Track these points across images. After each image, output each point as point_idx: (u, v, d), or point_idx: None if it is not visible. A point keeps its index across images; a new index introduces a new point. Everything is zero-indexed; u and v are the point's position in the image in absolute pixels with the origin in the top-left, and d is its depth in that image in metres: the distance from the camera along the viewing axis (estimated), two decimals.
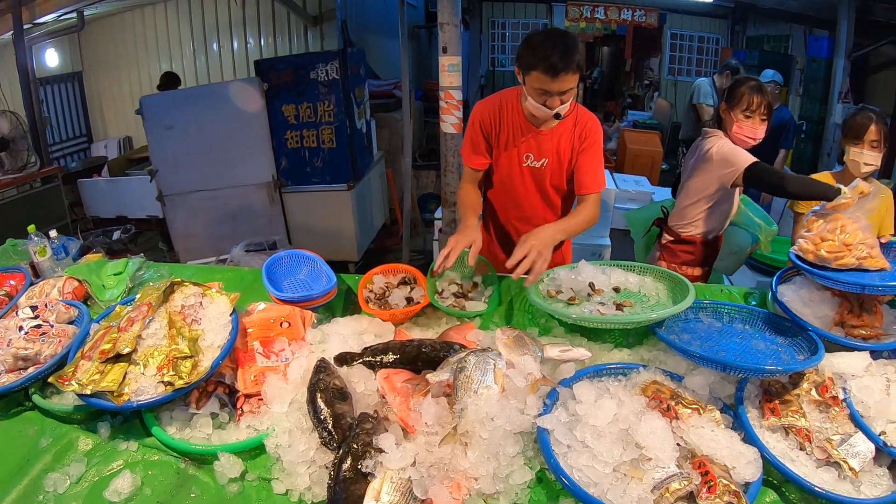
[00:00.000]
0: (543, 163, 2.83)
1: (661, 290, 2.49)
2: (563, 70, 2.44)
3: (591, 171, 2.78)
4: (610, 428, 1.69)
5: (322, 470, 1.68)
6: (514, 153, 2.84)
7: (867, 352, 2.02)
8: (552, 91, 2.51)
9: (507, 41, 13.74)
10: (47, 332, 2.19)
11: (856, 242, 2.24)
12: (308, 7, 8.58)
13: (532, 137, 2.79)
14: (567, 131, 2.77)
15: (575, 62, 2.44)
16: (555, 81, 2.47)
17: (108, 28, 9.18)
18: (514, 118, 2.78)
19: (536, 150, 2.81)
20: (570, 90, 2.53)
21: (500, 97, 2.82)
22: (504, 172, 2.92)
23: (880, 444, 1.73)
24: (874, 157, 2.82)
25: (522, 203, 2.97)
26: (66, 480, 1.72)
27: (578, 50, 2.45)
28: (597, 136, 2.78)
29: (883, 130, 2.82)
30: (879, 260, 2.24)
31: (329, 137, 6.30)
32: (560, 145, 2.78)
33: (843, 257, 2.25)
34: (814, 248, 2.29)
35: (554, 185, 2.90)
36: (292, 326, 2.17)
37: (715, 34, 13.07)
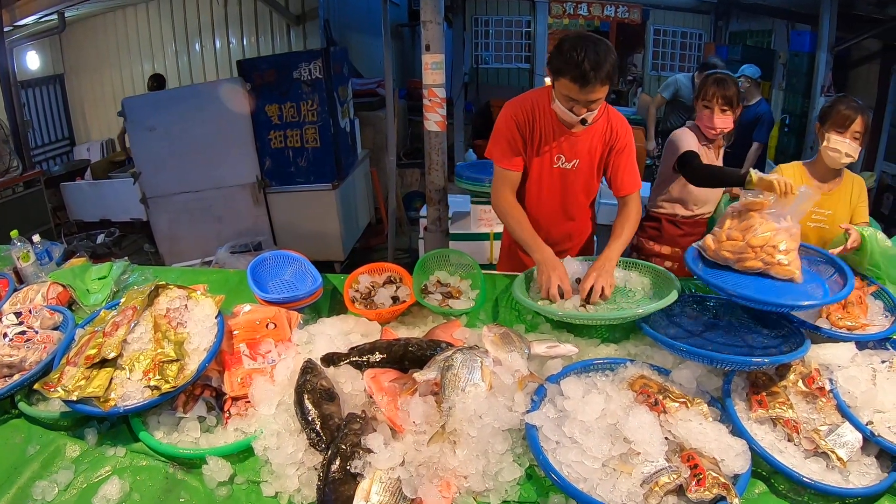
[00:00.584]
0: (574, 164, 2.79)
1: (646, 285, 2.51)
2: (593, 81, 2.39)
3: (628, 172, 2.78)
4: (598, 423, 1.70)
5: (311, 471, 1.68)
6: (546, 155, 2.79)
7: (853, 342, 2.04)
8: (580, 100, 2.48)
9: (490, 39, 13.71)
10: (32, 338, 2.16)
11: (763, 245, 2.15)
12: (290, 6, 8.55)
13: (564, 139, 2.75)
14: (598, 133, 2.75)
15: (605, 73, 2.38)
16: (583, 91, 2.43)
17: (89, 29, 9.11)
18: (546, 119, 2.73)
19: (568, 151, 2.77)
20: (599, 99, 2.50)
21: (532, 97, 2.76)
22: (535, 174, 2.85)
23: (867, 434, 1.75)
24: (855, 149, 2.76)
25: (551, 205, 2.93)
26: (54, 488, 1.71)
27: (611, 60, 2.39)
28: (629, 136, 2.78)
29: (866, 122, 2.75)
30: (790, 269, 2.15)
31: (313, 137, 6.27)
32: (591, 147, 2.77)
33: (747, 260, 2.19)
34: (715, 246, 2.24)
35: (584, 186, 2.88)
36: (278, 328, 2.16)
37: (698, 30, 13.11)
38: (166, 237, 6.52)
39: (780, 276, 2.17)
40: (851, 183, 2.91)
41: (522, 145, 2.77)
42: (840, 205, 2.88)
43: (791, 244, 2.17)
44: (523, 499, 1.65)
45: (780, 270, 2.17)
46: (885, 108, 7.27)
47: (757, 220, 2.19)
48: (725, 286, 2.11)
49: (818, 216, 2.88)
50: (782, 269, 2.17)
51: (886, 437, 1.73)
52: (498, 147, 2.80)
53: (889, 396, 1.84)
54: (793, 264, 2.16)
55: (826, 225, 2.87)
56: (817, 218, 2.88)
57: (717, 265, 2.30)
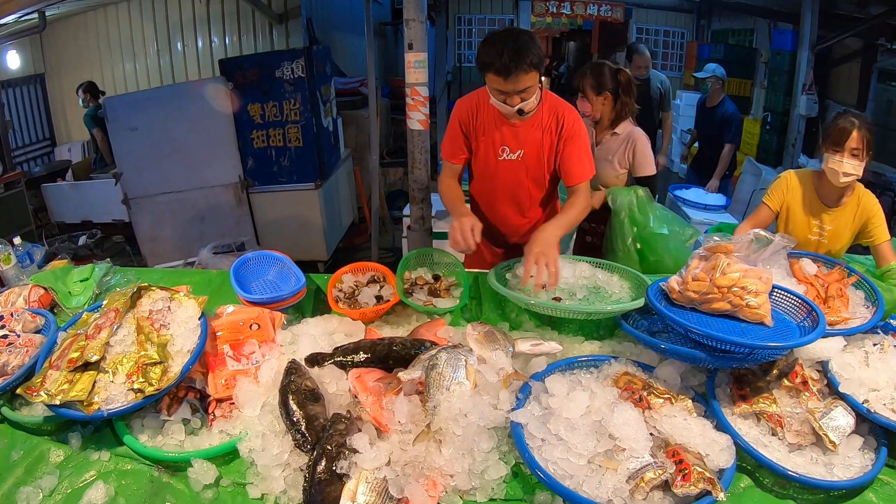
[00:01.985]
0: (519, 154, 2.85)
1: (624, 288, 2.52)
2: (515, 71, 2.47)
3: (576, 161, 2.80)
4: (583, 420, 1.70)
5: (297, 472, 1.68)
6: (491, 147, 2.88)
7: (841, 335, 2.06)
8: (507, 91, 2.56)
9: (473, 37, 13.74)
10: (14, 342, 2.15)
11: (728, 286, 2.01)
12: (273, 5, 8.51)
13: (507, 130, 2.82)
14: (543, 122, 2.79)
15: (527, 61, 2.46)
16: (508, 82, 2.52)
17: (70, 28, 9.01)
18: (490, 113, 2.81)
19: (512, 142, 2.83)
20: (529, 88, 2.57)
21: (478, 94, 2.85)
22: (482, 166, 2.96)
23: (864, 412, 1.79)
24: (855, 167, 2.68)
25: (501, 196, 3.01)
26: (38, 493, 1.69)
27: (533, 49, 2.47)
28: (576, 124, 2.80)
29: (866, 137, 2.69)
30: (759, 313, 2.01)
31: (295, 136, 6.26)
32: (536, 136, 2.81)
33: (713, 301, 2.05)
34: (681, 287, 2.12)
35: (532, 177, 2.93)
36: (262, 328, 2.15)
37: (680, 28, 13.18)
38: (148, 238, 6.47)
39: (749, 319, 2.03)
40: (858, 201, 2.84)
41: (465, 141, 2.91)
42: (842, 223, 2.85)
43: (761, 287, 2.03)
44: (510, 497, 1.66)
45: (749, 314, 2.02)
46: (866, 106, 7.34)
47: (723, 261, 2.08)
48: (688, 323, 1.96)
49: (818, 230, 2.88)
50: (751, 313, 2.01)
51: (882, 414, 1.77)
52: (445, 142, 3.01)
53: (882, 375, 1.88)
54: (763, 308, 2.01)
55: (825, 240, 2.87)
56: (817, 232, 2.88)
57: (682, 307, 2.15)
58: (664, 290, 2.19)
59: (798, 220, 2.91)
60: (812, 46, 7.57)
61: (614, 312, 2.26)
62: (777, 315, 2.09)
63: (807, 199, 2.90)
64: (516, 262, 2.63)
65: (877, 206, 2.85)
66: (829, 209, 2.85)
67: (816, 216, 2.88)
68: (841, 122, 2.73)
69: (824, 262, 2.53)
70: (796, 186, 2.92)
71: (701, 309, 2.08)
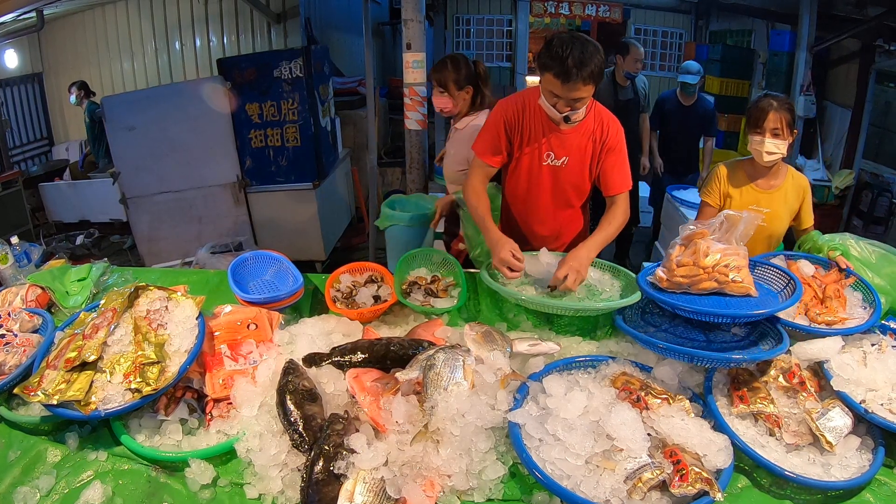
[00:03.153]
0: (564, 161, 2.82)
1: (615, 287, 2.53)
2: (575, 79, 2.43)
3: (617, 172, 2.79)
4: (581, 420, 1.71)
5: (294, 473, 1.67)
6: (536, 151, 2.83)
7: (839, 336, 2.06)
8: (561, 96, 2.52)
9: (471, 37, 13.69)
10: (11, 341, 2.14)
11: (712, 266, 2.16)
12: (271, 4, 8.49)
13: (553, 136, 2.78)
14: (588, 131, 2.77)
15: (588, 72, 2.42)
16: (564, 87, 2.47)
17: (68, 27, 8.99)
18: (536, 117, 2.77)
19: (557, 148, 2.79)
20: (583, 99, 2.54)
21: (524, 96, 2.81)
22: (525, 170, 2.89)
23: (861, 411, 1.79)
24: (777, 145, 2.76)
25: (540, 201, 2.96)
26: (35, 494, 1.69)
27: (596, 61, 2.43)
28: (619, 136, 2.78)
29: (784, 118, 2.74)
30: (744, 285, 2.17)
31: (293, 136, 6.25)
32: (581, 144, 2.78)
33: (700, 281, 2.18)
34: (668, 276, 2.23)
35: (573, 184, 2.89)
36: (260, 328, 2.15)
37: (679, 29, 13.17)
38: (146, 238, 6.46)
39: (736, 293, 2.18)
40: (792, 180, 2.93)
41: (507, 144, 2.82)
42: (779, 203, 2.91)
43: (741, 262, 2.19)
44: (507, 497, 1.66)
45: (735, 288, 2.17)
46: (864, 107, 7.34)
47: (703, 245, 2.20)
48: (680, 303, 2.13)
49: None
50: (737, 287, 2.16)
51: (879, 414, 1.78)
52: (482, 141, 2.88)
53: (880, 375, 1.89)
54: (746, 280, 2.17)
55: (765, 223, 2.86)
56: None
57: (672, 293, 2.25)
58: (652, 281, 2.27)
59: (737, 207, 2.90)
60: (810, 47, 7.57)
61: (603, 310, 2.29)
62: (760, 286, 2.26)
63: (742, 187, 2.96)
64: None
65: (808, 187, 2.95)
66: (765, 192, 2.92)
67: (753, 201, 2.91)
68: (759, 103, 2.82)
69: (821, 263, 2.53)
70: (730, 176, 2.98)
71: (690, 291, 2.20)
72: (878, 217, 6.91)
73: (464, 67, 3.37)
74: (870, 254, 2.54)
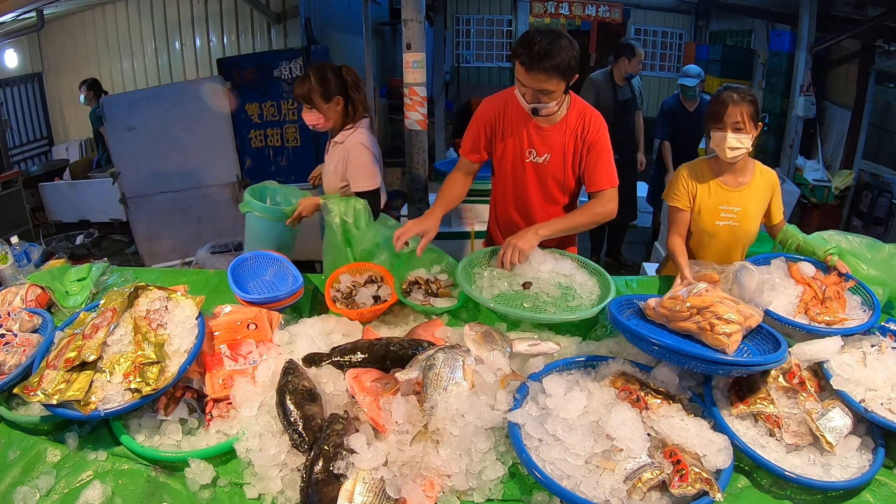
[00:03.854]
0: (546, 158, 2.84)
1: (594, 294, 2.55)
2: (536, 68, 2.47)
3: (602, 167, 2.81)
4: (580, 420, 1.71)
5: (294, 473, 1.67)
6: (518, 148, 2.87)
7: (838, 336, 2.06)
8: (525, 84, 2.55)
9: (471, 37, 13.72)
10: (11, 341, 2.14)
11: (705, 307, 1.93)
12: (271, 4, 8.48)
13: (534, 132, 2.81)
14: (570, 128, 2.79)
15: (551, 64, 2.45)
16: (528, 76, 2.51)
17: (68, 27, 8.99)
18: (519, 114, 2.80)
19: (539, 145, 2.83)
20: (548, 92, 2.55)
21: (506, 93, 2.84)
22: (508, 167, 2.94)
23: (861, 411, 1.79)
24: (739, 139, 2.66)
25: (524, 197, 2.99)
26: (35, 493, 1.69)
27: (563, 56, 2.46)
28: (601, 132, 2.80)
29: (746, 111, 2.64)
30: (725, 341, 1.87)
31: (293, 136, 6.27)
32: (563, 142, 2.80)
33: (681, 320, 1.97)
34: (655, 305, 2.07)
35: (556, 181, 2.91)
36: (259, 328, 2.15)
37: (679, 29, 13.19)
38: (146, 237, 6.46)
39: (713, 345, 1.90)
40: (761, 176, 2.86)
41: (487, 142, 2.90)
42: (750, 201, 2.84)
43: (736, 318, 1.92)
44: (507, 497, 1.66)
45: (714, 339, 1.89)
46: (864, 108, 7.34)
47: (707, 288, 2.05)
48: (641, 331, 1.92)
49: (727, 214, 2.85)
50: (716, 338, 1.88)
51: (879, 413, 1.78)
52: (465, 138, 2.98)
53: (880, 375, 1.89)
54: (732, 338, 1.88)
55: (736, 223, 2.84)
56: (726, 216, 2.85)
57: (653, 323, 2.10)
58: (641, 307, 2.15)
59: (704, 208, 2.87)
60: (810, 48, 7.57)
61: (561, 321, 2.35)
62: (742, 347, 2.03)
63: (708, 186, 2.87)
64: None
65: (777, 180, 2.89)
66: (734, 189, 2.84)
67: (721, 201, 2.85)
68: (720, 97, 2.71)
69: (820, 268, 2.53)
70: (694, 177, 2.90)
71: (669, 326, 2.03)
72: (878, 217, 6.92)
73: (330, 78, 3.16)
74: (858, 244, 2.56)
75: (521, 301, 2.44)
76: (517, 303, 2.43)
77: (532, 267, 2.61)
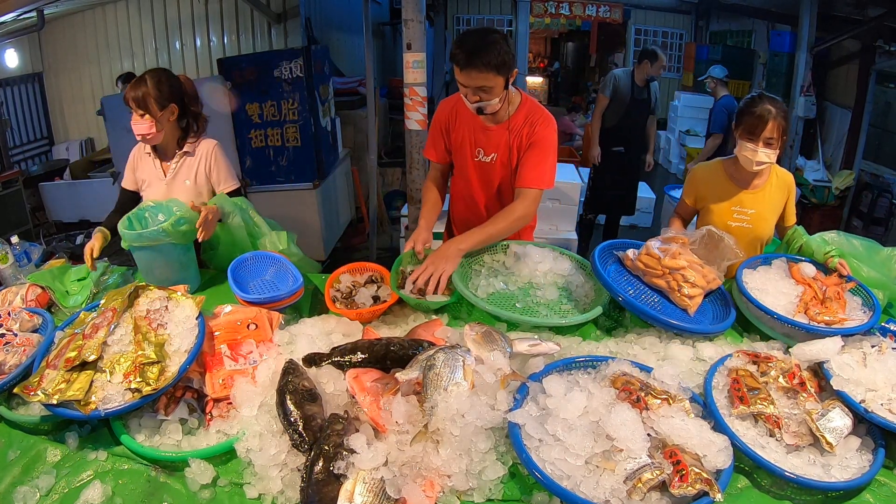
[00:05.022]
0: (493, 157, 2.88)
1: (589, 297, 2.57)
2: (470, 66, 2.52)
3: (533, 166, 2.78)
4: (580, 420, 1.70)
5: (294, 473, 1.67)
6: (468, 148, 2.91)
7: (839, 336, 2.07)
8: (464, 84, 2.59)
9: None
10: (11, 341, 2.14)
11: (674, 269, 2.32)
12: (272, 4, 8.49)
13: (482, 132, 2.85)
14: (516, 128, 2.81)
15: (484, 61, 2.49)
16: (462, 74, 2.56)
17: (68, 27, 8.99)
18: (467, 115, 2.84)
19: (486, 145, 2.87)
20: (486, 88, 2.58)
21: (457, 95, 2.85)
22: (459, 167, 3.00)
23: (861, 411, 1.79)
24: (769, 155, 2.62)
25: (473, 197, 3.04)
26: (35, 493, 1.69)
27: (496, 51, 2.49)
28: (545, 131, 2.78)
29: (781, 126, 2.61)
30: (688, 303, 2.31)
31: (294, 136, 6.26)
32: (508, 141, 2.83)
33: (655, 276, 2.35)
34: (633, 256, 2.42)
35: (503, 180, 2.94)
36: (260, 328, 2.15)
37: (679, 29, 13.21)
38: None
39: (677, 303, 2.34)
40: (776, 180, 2.82)
41: (444, 142, 2.96)
42: (764, 204, 2.81)
43: (700, 282, 2.34)
44: (507, 497, 1.66)
45: (678, 298, 2.33)
46: (864, 108, 7.35)
47: (679, 249, 2.34)
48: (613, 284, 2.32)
49: (740, 216, 2.82)
50: (681, 298, 2.32)
51: (879, 414, 1.78)
52: (428, 144, 3.10)
53: (880, 375, 1.88)
54: (694, 301, 2.32)
55: (750, 224, 2.82)
56: (739, 218, 2.83)
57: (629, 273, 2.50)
58: (619, 256, 2.53)
59: (715, 208, 2.87)
60: (810, 48, 7.58)
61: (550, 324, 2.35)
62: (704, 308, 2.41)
63: (720, 187, 2.85)
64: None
65: (793, 184, 2.86)
66: (749, 192, 2.82)
67: (735, 201, 2.83)
68: (757, 109, 2.63)
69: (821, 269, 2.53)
70: (705, 178, 2.91)
71: (643, 280, 2.42)
72: (878, 218, 6.92)
73: (166, 83, 2.90)
74: (858, 246, 2.57)
75: (514, 301, 2.48)
76: (510, 303, 2.47)
77: (529, 266, 2.62)
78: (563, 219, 5.60)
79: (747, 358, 2.05)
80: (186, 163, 3.06)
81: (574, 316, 2.37)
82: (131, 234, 2.61)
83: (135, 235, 2.60)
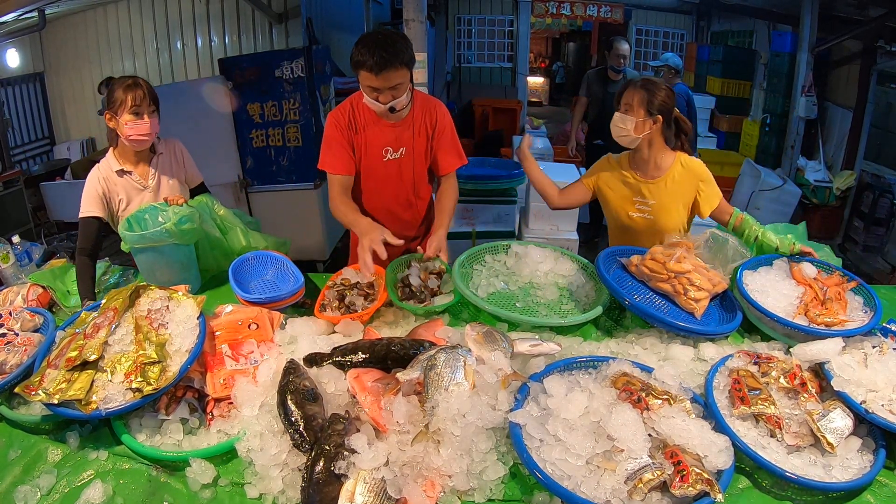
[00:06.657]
0: (402, 152, 2.93)
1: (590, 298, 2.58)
2: (386, 67, 2.55)
3: (447, 151, 3.00)
4: (581, 421, 1.70)
5: (295, 473, 1.67)
6: (375, 149, 2.93)
7: (839, 337, 2.07)
8: (380, 87, 2.63)
9: (472, 38, 13.71)
10: (12, 340, 2.14)
11: (679, 273, 2.33)
12: (273, 4, 8.49)
13: (387, 131, 2.89)
14: (418, 120, 2.90)
15: (398, 58, 2.56)
16: (379, 78, 2.59)
17: (70, 27, 8.98)
18: (367, 116, 2.88)
19: (393, 142, 2.91)
20: (400, 85, 2.65)
21: (350, 100, 2.91)
22: (368, 170, 2.98)
23: (861, 412, 1.79)
24: (623, 120, 2.71)
25: (389, 194, 3.05)
26: (36, 493, 1.69)
27: (403, 48, 2.59)
28: (445, 119, 2.97)
29: (638, 95, 2.69)
30: (694, 305, 2.31)
31: (295, 136, 6.25)
32: (414, 133, 2.91)
33: (660, 281, 2.37)
34: (637, 261, 2.44)
35: (416, 174, 3.01)
36: (260, 328, 2.15)
37: (680, 30, 13.18)
38: None
39: (683, 307, 2.34)
40: (681, 167, 2.81)
41: (350, 148, 2.92)
42: (664, 193, 2.82)
43: (706, 285, 2.34)
44: (508, 497, 1.66)
45: (685, 302, 2.33)
46: (865, 108, 7.34)
47: (683, 254, 2.37)
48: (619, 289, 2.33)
49: (642, 206, 2.86)
50: (687, 302, 2.32)
51: (880, 414, 1.78)
52: (329, 154, 2.97)
53: (881, 376, 1.88)
54: (700, 304, 2.32)
55: (651, 216, 2.84)
56: (641, 208, 2.86)
57: (634, 278, 2.51)
58: (623, 262, 2.54)
59: (613, 198, 2.92)
60: (811, 48, 7.57)
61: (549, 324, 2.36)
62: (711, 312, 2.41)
63: (620, 177, 2.90)
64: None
65: (705, 171, 2.83)
66: (647, 182, 2.83)
67: (634, 192, 2.86)
68: (630, 80, 2.81)
69: (824, 267, 2.53)
70: (609, 166, 2.95)
71: (648, 285, 2.44)
72: (879, 218, 6.91)
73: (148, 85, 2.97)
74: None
75: (514, 301, 2.50)
76: (510, 303, 2.48)
77: (530, 266, 2.63)
78: (564, 219, 5.60)
79: (748, 358, 2.05)
80: (162, 163, 3.12)
81: (574, 316, 2.37)
82: (133, 235, 2.59)
83: (137, 237, 2.58)
